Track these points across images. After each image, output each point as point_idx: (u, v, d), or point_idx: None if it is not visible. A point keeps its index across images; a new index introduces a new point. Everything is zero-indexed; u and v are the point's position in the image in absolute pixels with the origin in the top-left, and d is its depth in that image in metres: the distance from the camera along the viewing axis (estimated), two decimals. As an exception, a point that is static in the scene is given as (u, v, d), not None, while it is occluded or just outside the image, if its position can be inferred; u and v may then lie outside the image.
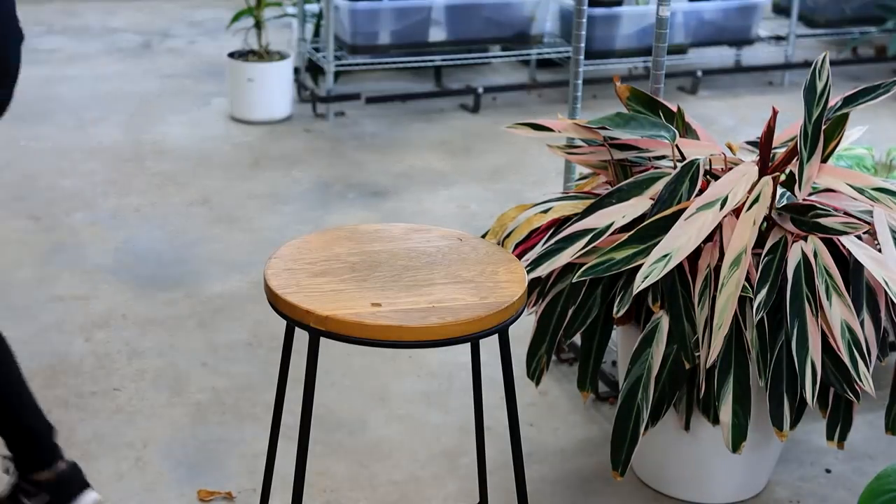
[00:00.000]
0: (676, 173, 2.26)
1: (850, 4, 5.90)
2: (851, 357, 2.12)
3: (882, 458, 2.62)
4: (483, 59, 5.41)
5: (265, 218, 3.87)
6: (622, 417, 2.21)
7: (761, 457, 2.43)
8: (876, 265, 2.13)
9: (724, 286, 2.12)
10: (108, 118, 4.90)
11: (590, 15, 4.56)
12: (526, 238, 2.45)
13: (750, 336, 2.17)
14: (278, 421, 1.92)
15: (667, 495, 2.46)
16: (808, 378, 2.11)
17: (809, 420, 2.55)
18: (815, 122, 2.25)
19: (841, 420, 2.25)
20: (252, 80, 4.77)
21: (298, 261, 1.75)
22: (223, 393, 2.81)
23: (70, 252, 3.57)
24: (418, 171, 4.36)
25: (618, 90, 2.51)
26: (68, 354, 2.96)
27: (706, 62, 5.72)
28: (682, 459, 2.42)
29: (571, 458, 2.60)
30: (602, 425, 2.73)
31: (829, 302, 2.13)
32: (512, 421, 1.78)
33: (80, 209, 3.92)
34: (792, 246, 2.19)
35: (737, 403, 2.18)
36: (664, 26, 2.68)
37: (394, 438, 2.66)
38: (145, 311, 3.20)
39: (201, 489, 2.43)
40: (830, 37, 6.08)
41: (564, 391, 2.86)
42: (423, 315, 1.60)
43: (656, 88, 2.70)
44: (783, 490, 2.51)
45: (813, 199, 2.27)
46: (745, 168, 2.26)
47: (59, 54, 5.89)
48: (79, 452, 2.53)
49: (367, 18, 4.89)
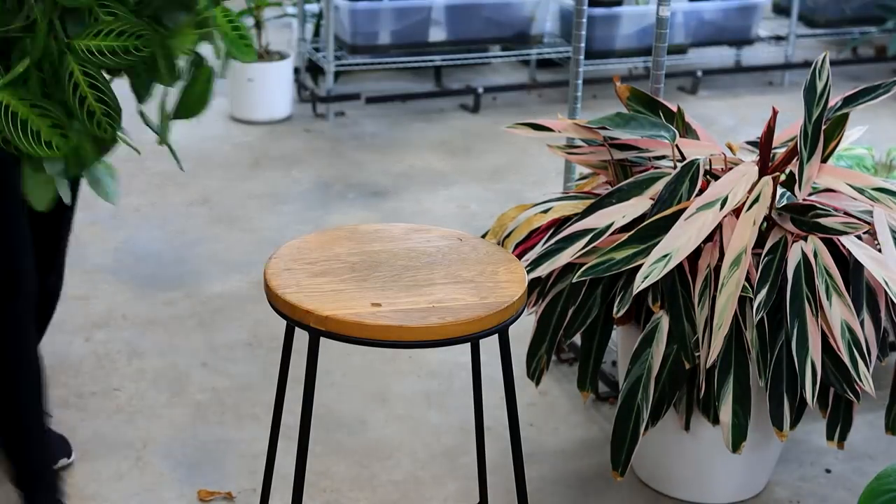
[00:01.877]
0: (676, 173, 2.26)
1: (850, 4, 5.89)
2: (851, 357, 2.12)
3: (882, 458, 2.62)
4: (483, 59, 5.41)
5: (265, 218, 3.87)
6: (622, 417, 2.21)
7: (761, 457, 2.43)
8: (876, 265, 2.13)
9: (724, 286, 2.12)
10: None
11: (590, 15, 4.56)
12: (526, 238, 2.45)
13: (750, 336, 2.17)
14: (278, 421, 1.92)
15: (667, 495, 2.46)
16: (807, 378, 2.11)
17: (809, 420, 2.54)
18: (815, 122, 2.25)
19: (841, 420, 2.25)
20: (252, 80, 4.77)
21: (298, 261, 1.75)
22: (223, 393, 2.81)
23: (70, 252, 3.57)
24: (418, 171, 4.36)
25: (618, 90, 2.51)
26: (68, 354, 2.96)
27: (706, 62, 5.72)
28: (682, 459, 2.42)
29: (571, 458, 2.60)
30: (602, 425, 2.73)
31: (829, 302, 2.13)
32: (512, 421, 1.78)
33: (80, 209, 3.90)
34: (792, 246, 2.19)
35: (737, 403, 2.18)
36: (664, 26, 2.68)
37: (394, 438, 2.66)
38: (145, 311, 3.20)
39: (201, 489, 2.43)
40: (830, 37, 6.08)
41: (564, 391, 2.86)
42: (423, 315, 1.60)
43: (656, 88, 2.70)
44: (783, 490, 2.51)
45: (813, 199, 2.27)
46: (745, 168, 2.26)
47: (59, 54, 5.89)
48: (79, 452, 2.53)
49: (367, 18, 4.89)
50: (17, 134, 1.58)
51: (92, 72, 1.62)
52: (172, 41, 1.67)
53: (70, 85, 1.61)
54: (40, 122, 1.58)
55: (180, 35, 1.69)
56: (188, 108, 1.85)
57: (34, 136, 1.60)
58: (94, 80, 1.63)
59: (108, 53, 1.61)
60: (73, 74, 1.61)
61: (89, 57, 1.61)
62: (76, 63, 1.61)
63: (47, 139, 1.61)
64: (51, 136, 1.61)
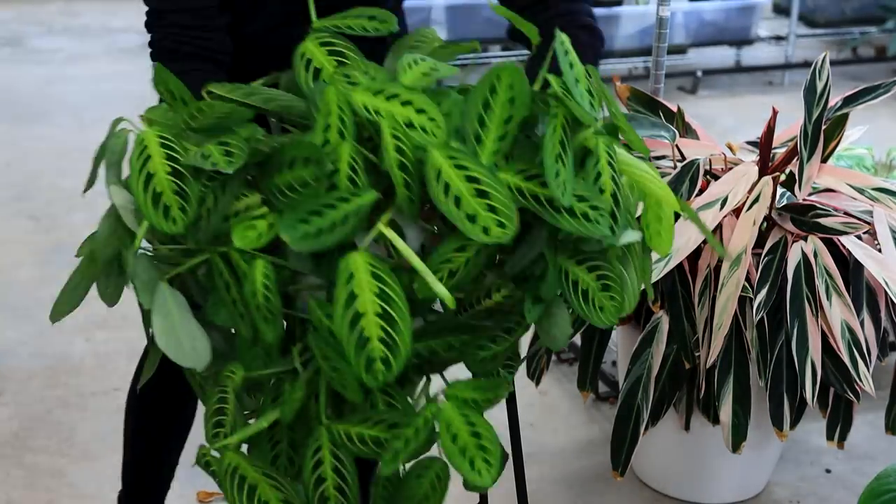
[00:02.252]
0: (676, 173, 2.26)
1: (850, 4, 5.90)
2: (851, 357, 2.11)
3: (882, 458, 2.62)
4: (483, 59, 5.41)
5: (265, 218, 3.87)
6: (622, 417, 2.21)
7: (761, 457, 2.42)
8: (876, 265, 2.13)
9: (723, 286, 2.12)
10: (108, 118, 4.88)
11: (590, 15, 4.56)
12: (526, 238, 2.45)
13: (750, 336, 2.17)
14: (278, 421, 1.92)
15: (667, 495, 2.46)
16: (807, 378, 2.11)
17: (809, 420, 2.54)
18: (815, 122, 2.25)
19: (841, 420, 2.25)
20: (252, 80, 4.76)
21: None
22: (223, 393, 2.81)
23: (70, 252, 3.56)
24: (418, 171, 4.35)
25: (618, 90, 2.51)
26: (68, 354, 2.96)
27: (706, 62, 5.72)
28: (682, 459, 2.42)
29: (571, 458, 2.60)
30: (602, 425, 2.73)
31: (829, 302, 2.13)
32: (512, 421, 1.78)
33: (80, 209, 3.91)
34: (792, 246, 2.19)
35: (737, 403, 2.18)
36: (664, 26, 2.68)
37: (394, 438, 2.65)
38: (145, 311, 3.20)
39: (201, 490, 2.43)
40: (830, 37, 6.08)
41: (564, 391, 2.86)
42: (423, 315, 1.59)
43: (656, 88, 2.70)
44: (783, 490, 2.51)
45: (813, 199, 2.27)
46: (745, 168, 2.26)
47: (59, 54, 5.89)
48: (79, 452, 2.53)
49: (367, 18, 4.89)
50: (237, 496, 1.29)
51: (342, 456, 1.29)
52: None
53: (312, 461, 1.28)
54: (271, 493, 1.28)
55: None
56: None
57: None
58: (342, 467, 1.30)
59: (367, 443, 1.27)
60: (319, 450, 1.28)
61: (343, 440, 1.28)
62: (328, 440, 1.28)
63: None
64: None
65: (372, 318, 1.17)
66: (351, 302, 1.16)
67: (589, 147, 1.28)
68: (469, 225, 1.16)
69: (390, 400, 1.27)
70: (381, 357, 1.17)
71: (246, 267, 1.21)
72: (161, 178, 1.23)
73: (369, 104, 1.24)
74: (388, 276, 1.17)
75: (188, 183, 1.23)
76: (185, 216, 1.22)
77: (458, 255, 1.21)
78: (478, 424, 1.23)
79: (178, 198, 1.22)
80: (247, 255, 1.21)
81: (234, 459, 1.26)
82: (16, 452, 2.55)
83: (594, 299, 1.26)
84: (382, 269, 1.17)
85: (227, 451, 1.26)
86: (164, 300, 1.28)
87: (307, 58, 1.36)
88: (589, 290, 1.25)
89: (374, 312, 1.17)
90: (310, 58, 1.36)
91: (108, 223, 1.33)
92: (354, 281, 1.17)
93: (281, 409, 1.27)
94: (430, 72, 1.32)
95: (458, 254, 1.21)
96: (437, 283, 1.20)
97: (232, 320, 1.28)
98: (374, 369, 1.17)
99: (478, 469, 1.21)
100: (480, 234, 1.17)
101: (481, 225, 1.17)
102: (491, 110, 1.24)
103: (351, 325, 1.16)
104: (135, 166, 1.24)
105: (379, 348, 1.17)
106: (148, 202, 1.22)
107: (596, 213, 1.21)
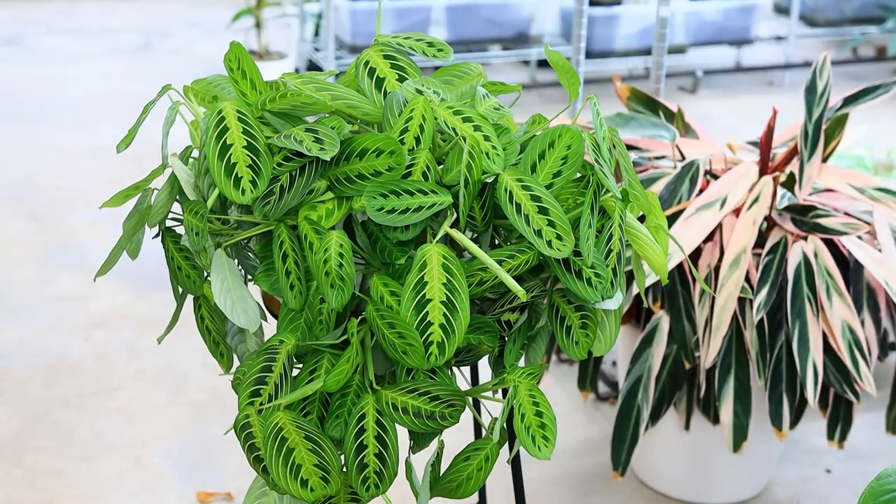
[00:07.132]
0: (676, 173, 2.26)
1: (850, 4, 5.90)
2: (852, 357, 2.12)
3: (882, 458, 2.62)
4: (483, 59, 5.42)
5: (265, 218, 3.87)
6: (622, 417, 2.21)
7: (761, 457, 2.43)
8: (876, 265, 2.14)
9: (723, 286, 2.12)
10: (108, 118, 4.90)
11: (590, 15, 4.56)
12: (526, 238, 2.45)
13: (750, 336, 2.17)
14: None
15: (667, 495, 2.46)
16: (809, 378, 2.11)
17: (809, 420, 2.55)
18: (815, 122, 2.25)
19: (841, 420, 2.25)
20: (252, 80, 4.77)
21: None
22: (223, 393, 2.81)
23: (70, 252, 3.57)
24: (418, 171, 4.36)
25: (618, 90, 2.51)
26: (68, 354, 2.96)
27: (706, 62, 5.72)
28: (682, 459, 2.42)
29: (571, 458, 2.60)
30: (602, 425, 2.73)
31: (830, 302, 2.14)
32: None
33: (80, 209, 3.92)
34: (792, 246, 2.19)
35: (737, 403, 2.18)
36: (664, 26, 2.68)
37: (394, 438, 2.65)
38: (145, 311, 3.20)
39: (201, 490, 2.43)
40: (830, 37, 6.08)
41: (564, 391, 2.86)
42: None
43: (656, 88, 2.70)
44: (783, 490, 2.51)
45: (813, 199, 2.27)
46: (745, 168, 2.26)
47: (59, 54, 5.89)
48: (78, 452, 2.53)
49: (367, 18, 4.89)
50: (274, 458, 1.30)
51: (387, 424, 1.37)
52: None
53: (355, 427, 1.35)
54: (306, 456, 1.32)
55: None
56: (459, 484, 1.53)
57: (292, 468, 1.32)
58: (385, 434, 1.37)
59: (409, 413, 1.37)
60: (364, 417, 1.36)
61: (389, 410, 1.36)
62: (374, 407, 1.37)
63: (305, 477, 1.32)
64: (310, 475, 1.33)
65: (437, 305, 1.29)
66: (421, 288, 1.29)
67: (607, 210, 1.42)
68: (538, 240, 1.31)
69: (432, 376, 1.40)
70: (438, 341, 1.30)
71: (317, 238, 1.31)
72: (238, 150, 1.32)
73: (448, 120, 1.37)
74: (457, 269, 1.29)
75: (262, 159, 1.32)
76: (254, 189, 1.30)
77: (510, 261, 1.34)
78: (541, 404, 1.37)
79: (251, 171, 1.31)
80: (320, 228, 1.31)
81: (282, 419, 1.33)
82: (15, 452, 2.55)
83: (574, 335, 1.41)
84: (454, 262, 1.29)
85: (276, 412, 1.33)
86: (221, 265, 1.42)
87: (371, 66, 1.45)
88: (572, 326, 1.40)
89: (439, 300, 1.29)
90: (374, 66, 1.45)
91: (165, 192, 1.44)
92: (427, 269, 1.29)
93: (326, 378, 1.35)
94: (499, 107, 1.48)
95: (510, 260, 1.34)
96: (510, 278, 1.32)
97: (278, 290, 1.39)
98: (429, 352, 1.30)
99: (538, 445, 1.34)
100: (545, 247, 1.31)
101: (546, 239, 1.32)
102: (544, 161, 1.40)
103: (417, 308, 1.29)
104: (211, 134, 1.32)
105: (438, 333, 1.29)
106: (221, 171, 1.31)
107: (597, 280, 1.35)
